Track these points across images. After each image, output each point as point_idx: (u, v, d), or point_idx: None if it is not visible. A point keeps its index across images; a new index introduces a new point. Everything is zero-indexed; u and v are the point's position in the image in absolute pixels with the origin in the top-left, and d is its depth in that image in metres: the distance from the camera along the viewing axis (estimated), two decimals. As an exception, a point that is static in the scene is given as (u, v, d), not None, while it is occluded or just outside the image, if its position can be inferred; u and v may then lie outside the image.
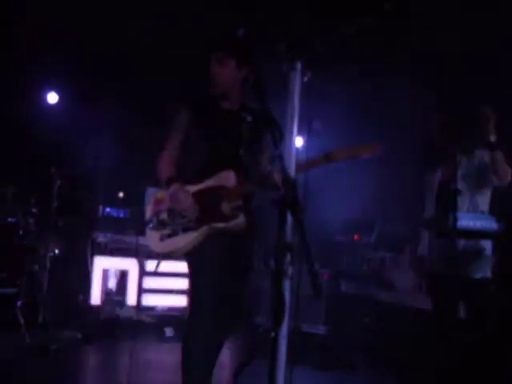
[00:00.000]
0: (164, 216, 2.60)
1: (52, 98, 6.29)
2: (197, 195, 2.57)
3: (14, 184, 4.81)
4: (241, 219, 2.53)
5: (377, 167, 6.10)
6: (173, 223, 2.57)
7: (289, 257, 1.90)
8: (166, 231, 2.57)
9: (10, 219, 4.64)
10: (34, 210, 4.81)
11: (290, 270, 1.94)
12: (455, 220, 2.69)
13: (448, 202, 2.87)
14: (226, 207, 2.54)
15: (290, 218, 1.84)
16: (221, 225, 2.53)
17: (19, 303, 4.43)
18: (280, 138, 1.92)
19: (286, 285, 1.96)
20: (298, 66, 2.48)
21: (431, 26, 4.42)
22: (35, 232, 4.77)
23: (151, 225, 2.61)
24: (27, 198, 4.86)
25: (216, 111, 2.71)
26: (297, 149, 2.23)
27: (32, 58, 5.67)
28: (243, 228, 2.56)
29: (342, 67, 5.06)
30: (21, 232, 4.64)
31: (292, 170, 1.92)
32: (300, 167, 2.06)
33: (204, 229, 2.53)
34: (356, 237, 5.82)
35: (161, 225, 2.58)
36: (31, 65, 5.73)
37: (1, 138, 5.57)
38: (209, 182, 2.60)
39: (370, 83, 5.20)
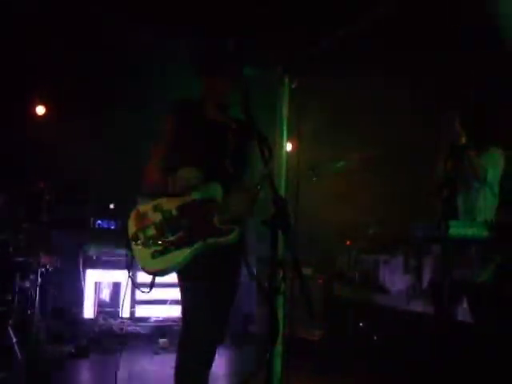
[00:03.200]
0: (152, 232, 2.48)
1: (40, 110, 6.24)
2: (186, 208, 2.53)
3: (2, 199, 4.75)
4: (236, 233, 2.48)
5: (369, 171, 6.14)
6: (164, 239, 2.51)
7: (281, 274, 1.90)
8: (158, 248, 2.46)
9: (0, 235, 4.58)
10: (24, 226, 4.77)
11: (282, 287, 1.94)
12: (447, 228, 2.70)
13: (444, 208, 2.87)
14: (218, 221, 2.50)
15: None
16: (216, 240, 2.48)
17: (11, 320, 4.37)
18: (269, 156, 1.91)
19: (280, 301, 1.96)
20: (286, 78, 2.48)
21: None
22: (26, 247, 4.72)
23: (138, 241, 2.53)
24: (17, 213, 4.81)
25: (201, 121, 2.68)
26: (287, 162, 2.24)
27: (20, 69, 5.62)
28: (236, 241, 2.53)
29: (330, 72, 5.06)
30: (11, 248, 4.59)
31: (283, 188, 1.92)
32: None
33: (198, 244, 2.48)
34: (348, 241, 5.83)
35: (150, 241, 2.49)
36: (19, 76, 5.68)
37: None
38: (196, 195, 2.54)
39: (359, 86, 5.19)
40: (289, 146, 2.39)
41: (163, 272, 2.52)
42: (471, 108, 3.42)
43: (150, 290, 2.55)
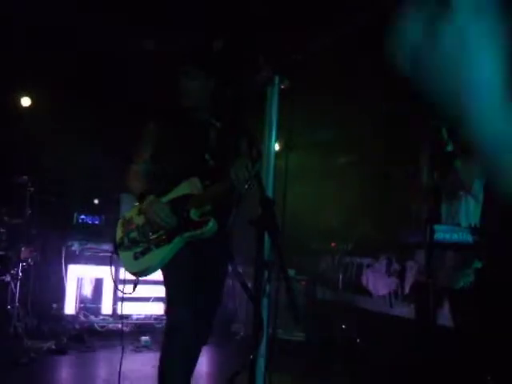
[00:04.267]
0: (134, 234, 2.55)
1: (25, 101, 6.15)
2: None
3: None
4: (211, 224, 2.50)
5: (355, 174, 6.16)
6: (145, 240, 2.53)
7: (266, 275, 1.90)
8: (139, 249, 2.52)
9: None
10: (5, 219, 4.70)
11: (267, 288, 1.93)
12: (432, 232, 2.72)
13: (429, 213, 2.89)
14: (195, 214, 2.52)
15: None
16: (192, 233, 2.50)
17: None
18: (257, 156, 1.90)
19: (264, 303, 1.95)
20: (276, 78, 2.48)
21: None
22: (7, 241, 4.66)
23: (123, 246, 2.56)
24: (1, 206, 4.75)
25: (184, 121, 2.70)
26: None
27: (5, 60, 5.53)
28: (215, 232, 2.53)
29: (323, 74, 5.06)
30: (-7, 241, 4.53)
31: (270, 189, 1.92)
32: None
33: (177, 240, 2.50)
34: (333, 243, 5.84)
35: (132, 243, 2.54)
36: (4, 67, 5.60)
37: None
38: (176, 192, 2.57)
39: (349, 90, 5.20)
40: (277, 147, 2.38)
41: (145, 272, 2.56)
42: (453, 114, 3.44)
43: (134, 290, 2.57)
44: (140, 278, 2.61)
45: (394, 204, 5.13)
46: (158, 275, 2.63)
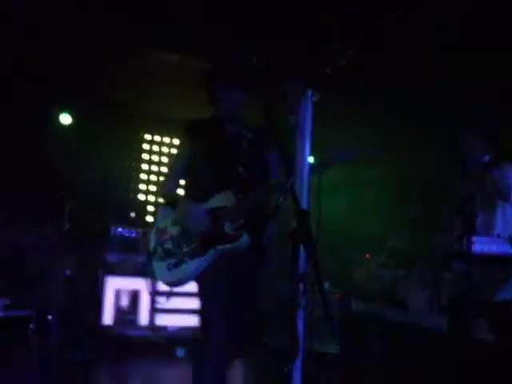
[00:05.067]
0: (169, 245, 2.58)
1: (65, 119, 6.32)
2: (200, 218, 2.58)
3: (26, 207, 4.82)
4: (244, 238, 2.53)
5: (388, 185, 6.11)
6: (179, 251, 2.56)
7: (302, 287, 1.90)
8: (173, 260, 2.55)
9: (23, 242, 4.64)
10: (44, 232, 4.83)
11: (303, 301, 1.94)
12: (470, 244, 2.67)
13: (465, 223, 2.85)
14: (228, 228, 2.54)
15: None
16: (226, 246, 2.53)
17: (32, 325, 4.42)
18: (291, 169, 1.92)
19: (300, 315, 1.96)
20: (308, 92, 2.49)
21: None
22: (48, 254, 4.78)
23: (156, 255, 2.59)
24: (40, 220, 4.88)
25: (217, 134, 2.73)
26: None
27: (46, 78, 5.70)
28: (248, 246, 2.55)
29: (352, 88, 5.06)
30: (34, 254, 4.65)
31: (305, 202, 1.93)
32: None
33: (210, 252, 2.53)
34: (367, 255, 5.79)
35: (167, 254, 2.57)
36: (44, 85, 5.77)
37: (14, 160, 5.58)
38: (209, 204, 2.60)
39: (381, 102, 5.18)
40: (311, 159, 2.39)
41: (178, 282, 2.59)
42: (487, 124, 3.42)
43: (167, 299, 2.60)
44: (177, 290, 2.64)
45: (429, 214, 5.06)
46: (194, 287, 2.65)
